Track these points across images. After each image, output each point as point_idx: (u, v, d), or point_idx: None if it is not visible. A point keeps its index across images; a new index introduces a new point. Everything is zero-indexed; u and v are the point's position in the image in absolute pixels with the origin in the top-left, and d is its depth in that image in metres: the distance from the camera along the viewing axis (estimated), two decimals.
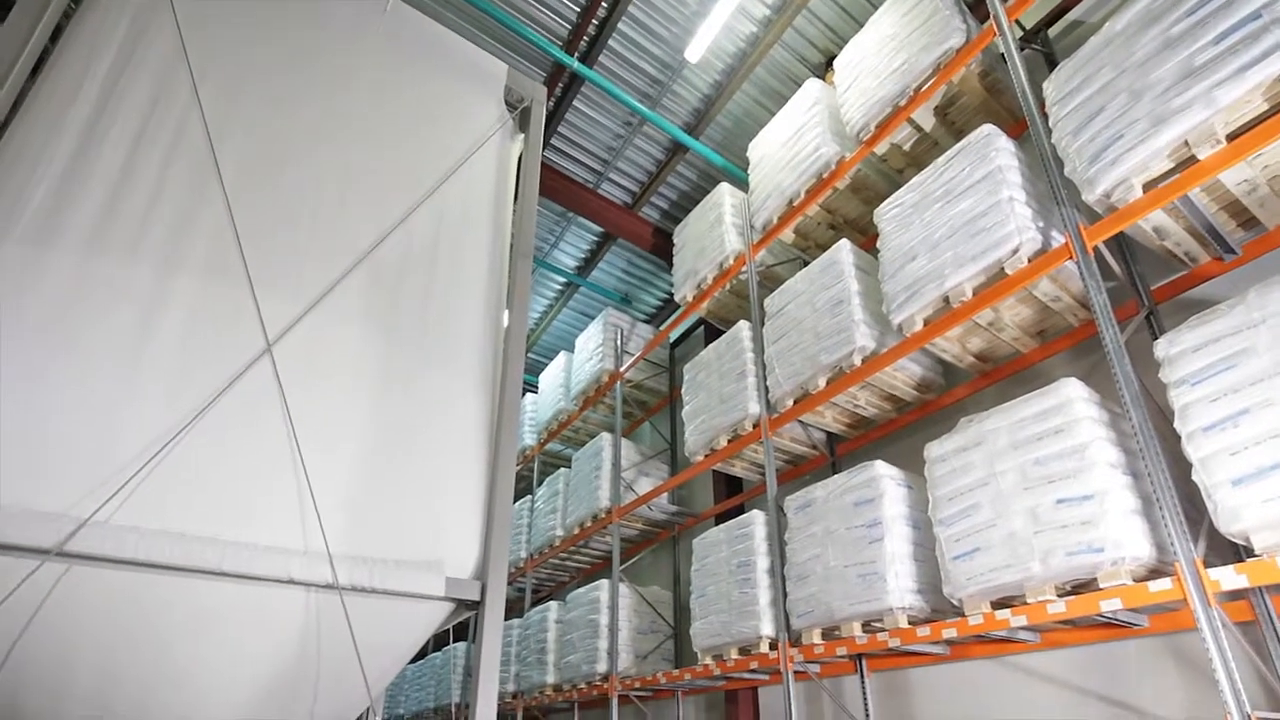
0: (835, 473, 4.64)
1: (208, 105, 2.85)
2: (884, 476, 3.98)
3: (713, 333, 7.18)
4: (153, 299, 2.46)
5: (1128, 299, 3.74)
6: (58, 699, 2.13)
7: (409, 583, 2.58)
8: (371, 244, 3.01)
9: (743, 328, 5.56)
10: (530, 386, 10.66)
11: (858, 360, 4.33)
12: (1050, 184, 3.42)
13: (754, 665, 4.55)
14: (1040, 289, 3.66)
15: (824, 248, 5.47)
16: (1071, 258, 3.24)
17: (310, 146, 3.03)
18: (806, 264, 5.53)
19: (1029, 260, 3.47)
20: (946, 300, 3.84)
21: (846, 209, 5.39)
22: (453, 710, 8.91)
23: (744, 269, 5.79)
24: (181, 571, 2.19)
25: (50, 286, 2.33)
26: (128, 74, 2.77)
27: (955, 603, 3.43)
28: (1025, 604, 3.11)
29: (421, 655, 11.27)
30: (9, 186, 2.42)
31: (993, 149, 3.75)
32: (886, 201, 4.32)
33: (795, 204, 5.28)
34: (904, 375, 4.41)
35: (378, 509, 2.64)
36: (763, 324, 5.29)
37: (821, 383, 4.58)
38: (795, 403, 4.80)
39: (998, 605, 3.31)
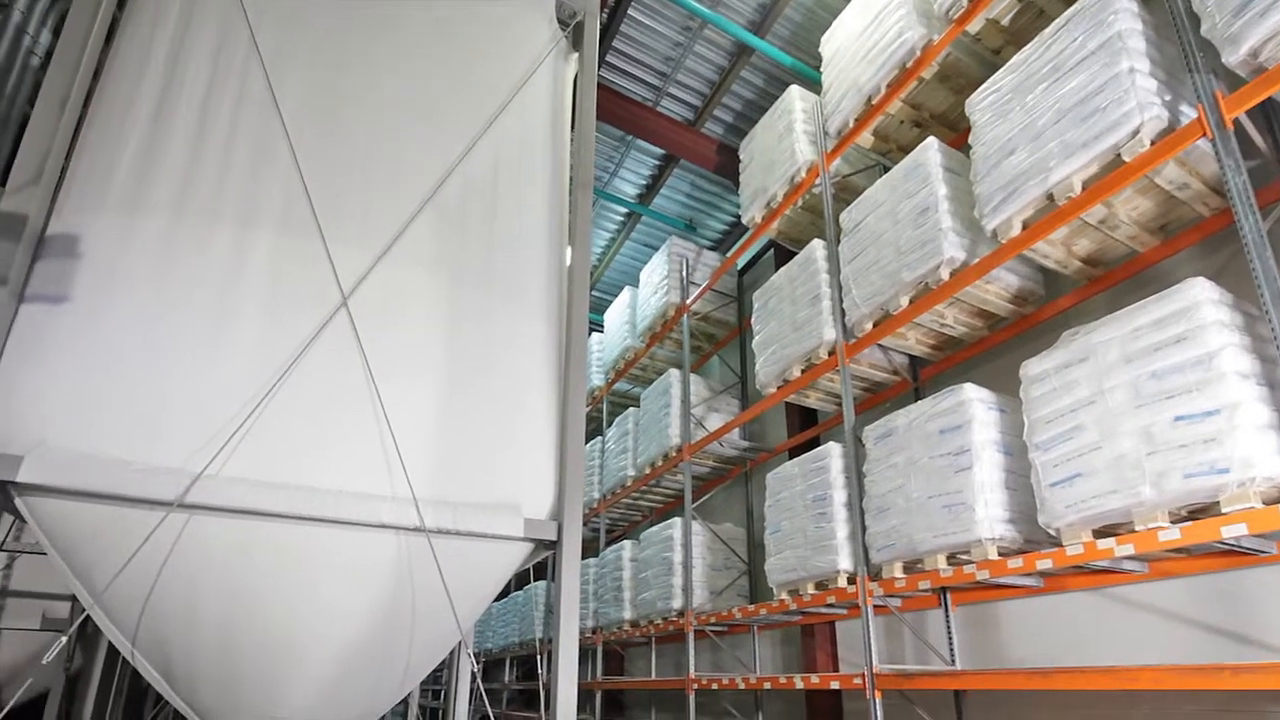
0: (918, 399, 4.52)
1: (266, 54, 3.00)
2: (973, 400, 3.85)
3: (784, 256, 6.99)
4: (235, 257, 2.69)
5: (1272, 179, 3.33)
6: (191, 638, 2.48)
7: (490, 524, 2.80)
8: (433, 185, 3.12)
9: (816, 247, 5.39)
10: (596, 325, 10.87)
11: (945, 274, 4.13)
12: (1182, 46, 3.04)
13: (831, 600, 4.64)
14: (1164, 176, 3.31)
15: (907, 150, 5.14)
16: (1205, 135, 2.90)
17: (367, 89, 3.14)
18: (887, 171, 5.22)
19: (1152, 142, 3.14)
20: (1050, 198, 3.56)
21: (933, 102, 5.01)
22: (537, 645, 9.66)
23: (817, 181, 5.56)
24: (286, 519, 2.47)
25: (145, 252, 2.59)
26: (191, 30, 2.95)
27: (1052, 532, 3.34)
28: (1133, 532, 2.99)
29: (505, 594, 12.19)
30: (100, 157, 2.67)
31: (1110, 11, 3.35)
32: (981, 88, 4.00)
33: (874, 101, 4.96)
34: (998, 287, 4.17)
35: (456, 454, 2.85)
36: (838, 242, 5.11)
37: (904, 302, 4.41)
38: (875, 325, 4.67)
39: (1100, 534, 3.19)
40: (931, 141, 4.38)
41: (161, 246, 2.60)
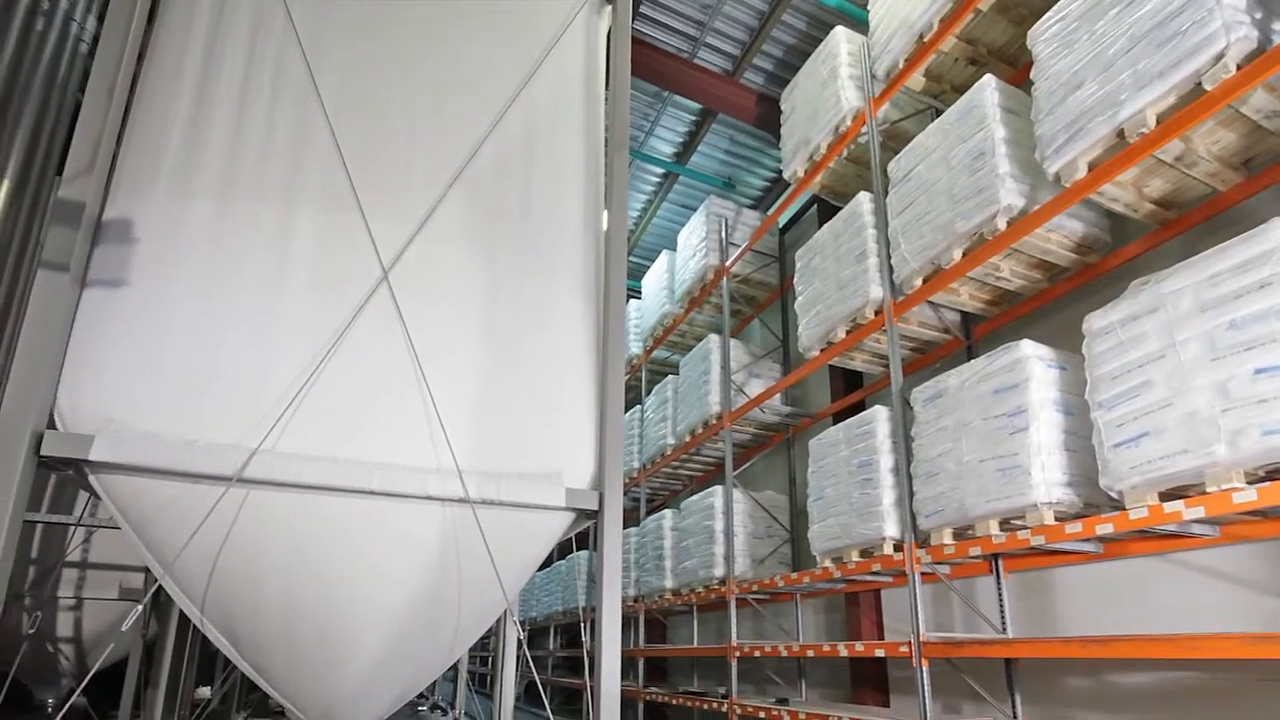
0: (971, 358, 4.39)
1: (302, 31, 3.06)
2: (1031, 358, 3.72)
3: (827, 212, 6.81)
4: (280, 235, 2.80)
5: None
6: (254, 606, 2.67)
7: (532, 494, 2.91)
8: (467, 155, 3.17)
9: (862, 200, 5.23)
10: (633, 292, 10.86)
11: (1002, 223, 3.96)
12: None
13: (876, 568, 4.61)
14: (1251, 104, 3.07)
15: (961, 90, 4.89)
16: None
17: (402, 63, 3.18)
18: (939, 115, 4.99)
19: (1238, 67, 2.91)
20: (1121, 135, 3.35)
21: (991, 36, 4.74)
22: (580, 613, 9.94)
23: (864, 129, 5.36)
24: (338, 492, 2.61)
25: (195, 234, 2.72)
26: (227, 9, 3.03)
27: (1114, 495, 3.23)
28: (1203, 494, 2.86)
29: (547, 563, 12.54)
30: (148, 141, 2.79)
31: None
32: (1045, 17, 3.77)
33: (926, 39, 4.73)
34: (1059, 236, 3.97)
35: (498, 425, 2.95)
36: (886, 194, 4.94)
37: (956, 255, 4.26)
38: (925, 281, 4.53)
39: (1166, 496, 3.07)
40: (988, 80, 4.16)
41: (210, 228, 2.73)
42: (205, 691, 4.69)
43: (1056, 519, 3.53)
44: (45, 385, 2.39)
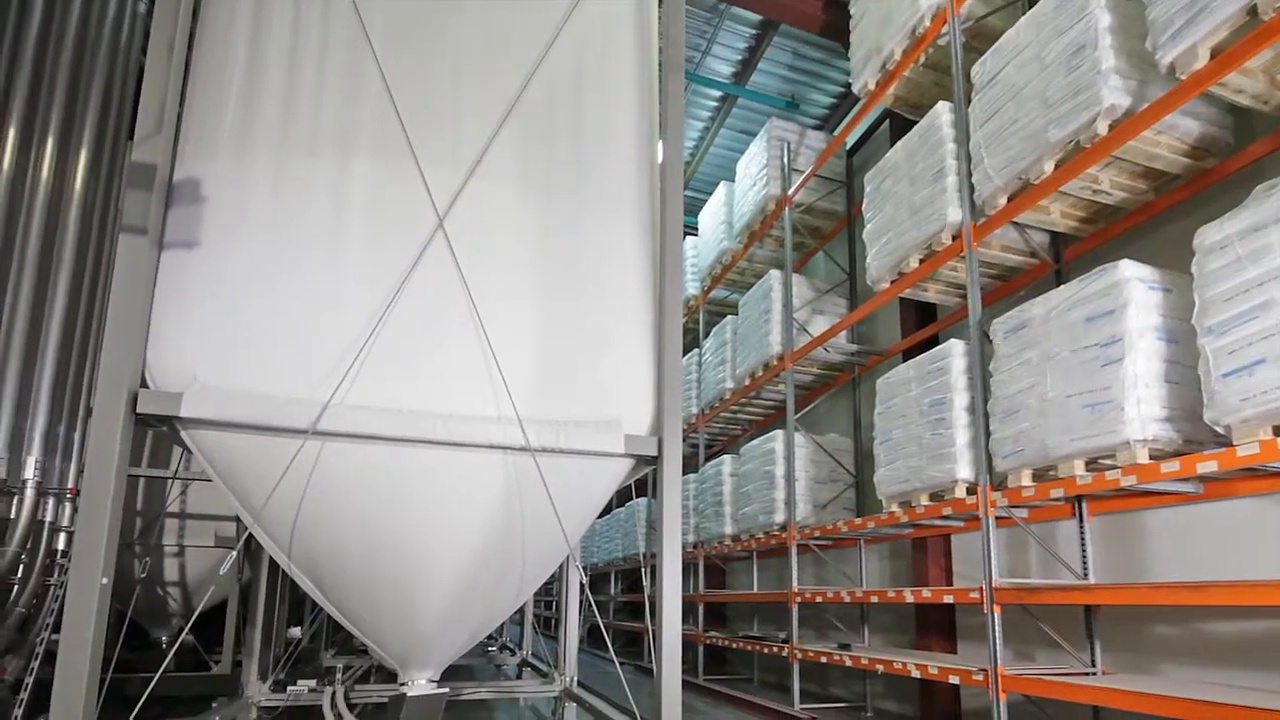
0: (1060, 283, 4.12)
1: None
2: (1131, 279, 3.46)
3: (900, 128, 6.39)
4: (338, 187, 2.89)
5: None
6: (334, 552, 2.87)
7: (591, 441, 3.00)
8: (517, 89, 3.16)
9: (941, 112, 4.90)
10: (690, 229, 10.68)
11: (1103, 127, 3.63)
12: None
13: (947, 511, 4.51)
14: None
15: None
16: None
17: (451, 5, 3.16)
18: (1033, 5, 4.56)
19: None
20: (1253, 11, 2.98)
21: None
22: (641, 559, 10.25)
23: (944, 29, 4.97)
24: (406, 442, 2.75)
25: (258, 191, 2.83)
26: None
27: (1220, 430, 3.01)
28: None
29: (606, 511, 12.92)
30: (210, 99, 2.89)
31: None
32: None
33: None
34: (1170, 138, 3.61)
35: (556, 372, 3.03)
36: (968, 103, 4.60)
37: (1048, 167, 3.95)
38: (1010, 200, 4.24)
39: None
40: None
41: (272, 184, 2.83)
42: (296, 631, 5.18)
43: (1151, 457, 3.33)
44: (136, 346, 2.58)
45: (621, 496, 12.57)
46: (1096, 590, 3.43)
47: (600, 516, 13.27)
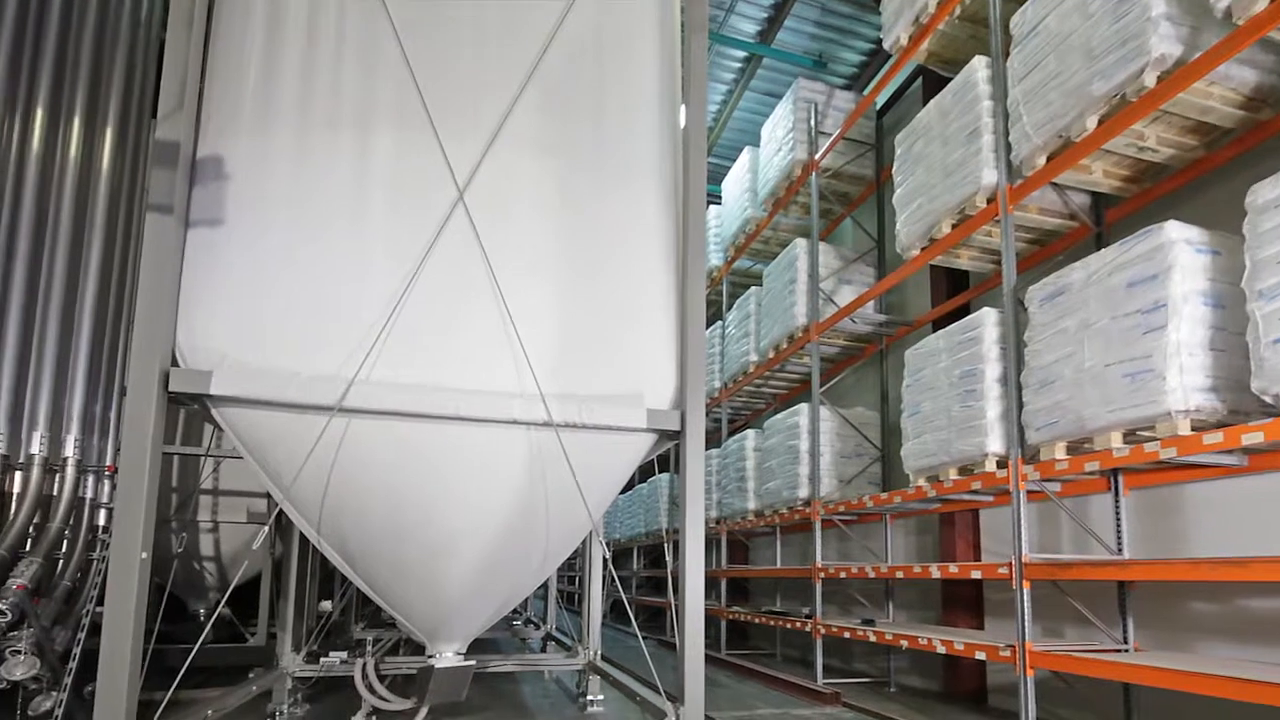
0: (1101, 248, 3.97)
1: None
2: (1177, 241, 3.32)
3: (934, 87, 6.19)
4: (358, 163, 2.89)
5: None
6: (362, 527, 2.93)
7: (614, 416, 3.02)
8: (536, 55, 3.13)
9: (977, 67, 4.72)
10: (713, 197, 10.52)
11: (1151, 79, 3.46)
12: None
13: (976, 486, 4.44)
14: None
15: None
16: None
17: None
18: None
19: None
20: None
21: None
22: (664, 534, 10.32)
23: None
24: (429, 419, 2.78)
25: (280, 168, 2.84)
26: None
27: (1269, 399, 2.90)
28: None
29: (629, 487, 13.00)
30: (230, 75, 2.89)
31: None
32: None
33: None
34: (1224, 89, 3.42)
35: (578, 346, 3.03)
36: (1006, 56, 4.42)
37: (1090, 124, 3.79)
38: (1049, 160, 4.09)
39: None
40: None
41: (293, 161, 2.84)
42: (327, 605, 5.36)
43: (1193, 429, 3.22)
44: (166, 326, 2.63)
45: (644, 472, 12.62)
46: (1132, 566, 3.36)
47: (623, 492, 13.35)
